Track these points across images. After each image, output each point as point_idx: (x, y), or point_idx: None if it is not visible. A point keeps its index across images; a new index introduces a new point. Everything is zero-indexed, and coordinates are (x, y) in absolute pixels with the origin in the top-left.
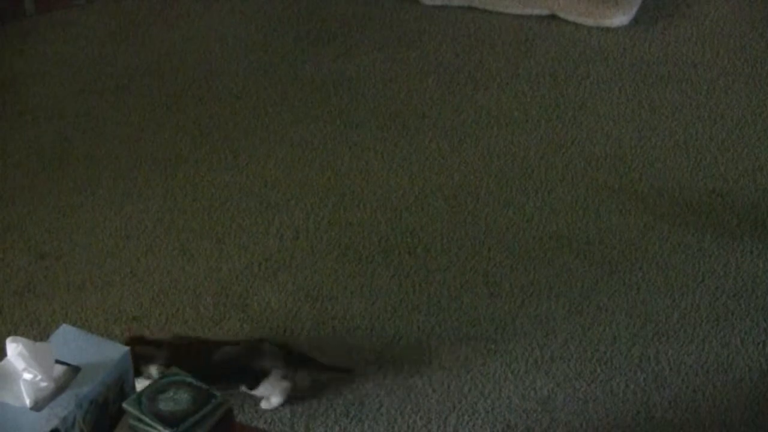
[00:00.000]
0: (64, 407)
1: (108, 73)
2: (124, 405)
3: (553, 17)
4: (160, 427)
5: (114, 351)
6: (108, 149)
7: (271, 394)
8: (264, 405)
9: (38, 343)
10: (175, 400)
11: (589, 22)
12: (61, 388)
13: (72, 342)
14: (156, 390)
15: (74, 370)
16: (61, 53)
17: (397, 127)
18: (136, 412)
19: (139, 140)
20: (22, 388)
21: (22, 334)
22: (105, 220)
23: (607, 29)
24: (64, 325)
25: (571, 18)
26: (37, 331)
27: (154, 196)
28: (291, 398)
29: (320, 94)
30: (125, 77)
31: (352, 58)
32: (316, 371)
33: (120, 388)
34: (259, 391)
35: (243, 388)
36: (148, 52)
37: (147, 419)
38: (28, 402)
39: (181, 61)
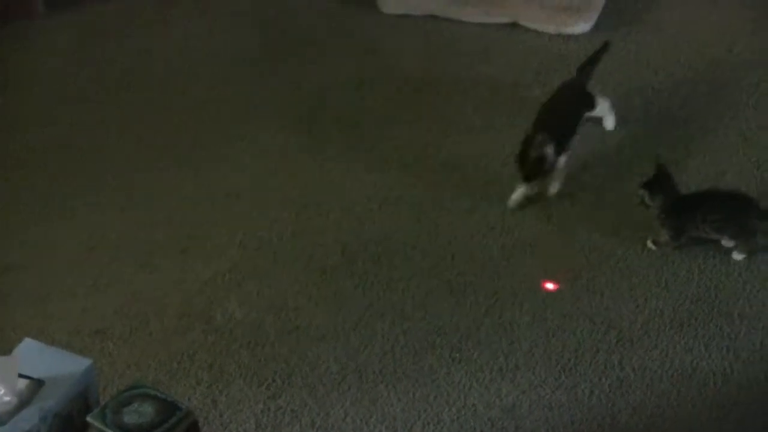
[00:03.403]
0: (28, 421)
1: (71, 86)
2: (89, 418)
3: (514, 25)
4: None
5: (78, 364)
6: (71, 161)
7: None
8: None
9: (2, 357)
10: (140, 413)
11: (551, 29)
12: (24, 402)
13: (35, 356)
14: (120, 403)
15: (38, 384)
16: (23, 66)
17: (360, 136)
18: (100, 426)
19: (103, 151)
20: None
21: None
22: (68, 232)
23: (568, 36)
24: (27, 339)
25: (533, 26)
26: None
27: (117, 207)
28: None
29: (284, 103)
30: (89, 89)
31: (316, 67)
32: None
33: (84, 402)
34: None
35: None
36: (111, 63)
37: None
38: None
39: (145, 72)
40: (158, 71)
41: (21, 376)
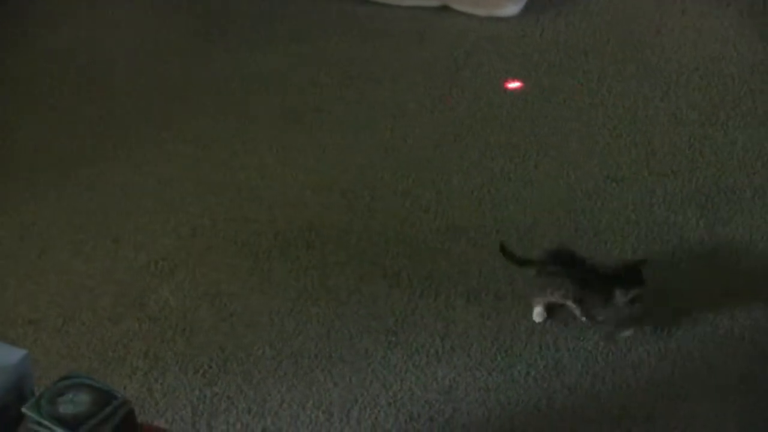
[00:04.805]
0: None
1: None
2: (24, 409)
3: (445, 8)
4: (60, 431)
5: (12, 355)
6: (0, 150)
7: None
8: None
9: None
10: (75, 403)
11: (481, 12)
12: None
13: None
14: (55, 393)
15: None
16: None
17: (292, 122)
18: (36, 416)
19: (32, 141)
20: None
21: None
22: None
23: (499, 19)
24: None
25: (463, 8)
26: None
27: (48, 197)
28: None
29: (213, 90)
30: (17, 81)
31: (245, 53)
32: None
33: (19, 393)
34: None
35: None
36: (39, 54)
37: (47, 423)
38: None
39: (73, 62)
40: (87, 59)
41: None
